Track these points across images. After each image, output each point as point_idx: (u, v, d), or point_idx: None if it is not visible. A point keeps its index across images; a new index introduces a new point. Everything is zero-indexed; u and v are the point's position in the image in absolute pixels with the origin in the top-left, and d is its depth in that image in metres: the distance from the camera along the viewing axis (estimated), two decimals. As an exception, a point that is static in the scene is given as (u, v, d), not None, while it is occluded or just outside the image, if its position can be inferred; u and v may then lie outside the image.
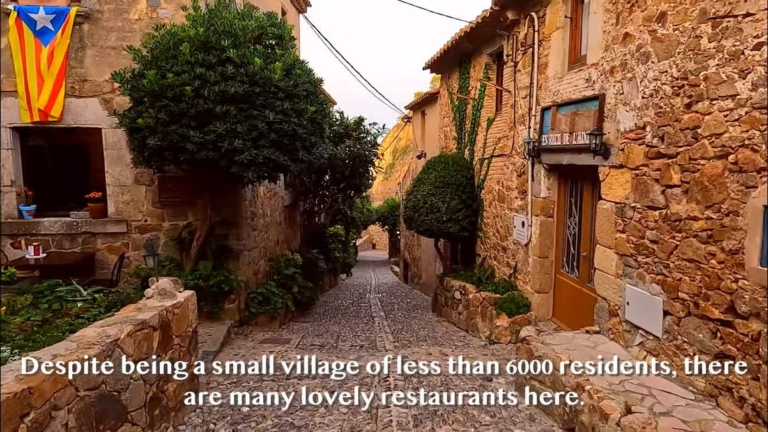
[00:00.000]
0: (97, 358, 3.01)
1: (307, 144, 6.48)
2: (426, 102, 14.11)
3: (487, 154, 8.76)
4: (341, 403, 4.19)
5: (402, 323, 9.13)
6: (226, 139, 5.79)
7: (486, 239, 8.77)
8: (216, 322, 7.29)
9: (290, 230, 12.13)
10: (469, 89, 9.69)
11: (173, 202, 7.69)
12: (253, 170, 6.04)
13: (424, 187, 9.23)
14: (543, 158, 6.43)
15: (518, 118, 7.27)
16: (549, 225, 6.56)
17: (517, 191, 7.35)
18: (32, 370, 2.62)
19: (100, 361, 3.05)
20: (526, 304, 6.85)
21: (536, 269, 6.67)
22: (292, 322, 9.24)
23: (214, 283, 7.10)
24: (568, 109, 5.67)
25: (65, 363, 2.79)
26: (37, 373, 2.62)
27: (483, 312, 7.47)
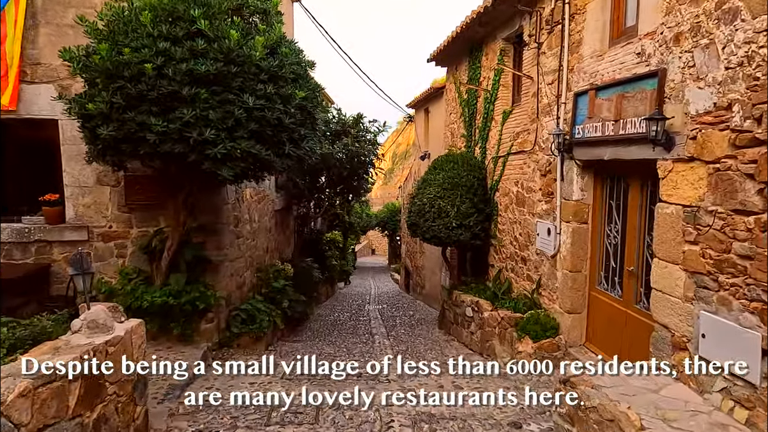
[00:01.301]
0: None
1: (296, 136, 5.45)
2: (430, 98, 13.11)
3: (502, 151, 7.73)
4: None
5: (406, 343, 8.07)
6: (195, 128, 4.77)
7: (501, 248, 7.73)
8: (190, 345, 6.24)
9: (282, 237, 11.09)
10: (480, 80, 8.68)
11: (142, 206, 6.65)
12: (229, 167, 5.00)
13: (430, 189, 8.20)
14: (576, 153, 5.40)
15: (543, 108, 6.25)
16: (582, 233, 5.53)
17: (540, 193, 6.32)
18: None
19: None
20: (553, 326, 5.80)
21: (566, 285, 5.63)
22: (282, 341, 8.18)
23: (188, 300, 6.06)
24: (611, 92, 4.65)
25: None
26: None
27: (501, 334, 6.42)
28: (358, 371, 6.06)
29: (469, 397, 4.23)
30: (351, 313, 12.11)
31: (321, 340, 8.46)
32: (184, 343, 6.23)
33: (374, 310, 12.91)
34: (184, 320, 6.15)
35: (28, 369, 2.41)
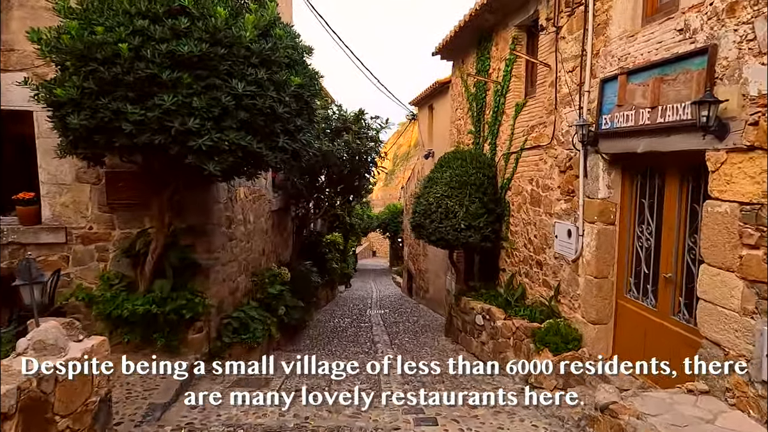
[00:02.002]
0: None
1: (291, 127, 4.92)
2: (434, 94, 12.58)
3: (514, 147, 7.20)
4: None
5: (410, 353, 7.53)
6: (176, 116, 4.24)
7: (514, 251, 7.18)
8: (176, 357, 5.68)
9: (279, 239, 10.56)
10: (489, 72, 8.15)
11: (126, 205, 6.12)
12: (216, 160, 4.47)
13: (437, 188, 7.66)
14: (602, 146, 4.87)
15: (562, 98, 5.72)
16: (609, 235, 4.98)
17: (559, 191, 5.78)
18: None
19: None
20: (575, 338, 5.26)
21: (590, 293, 5.09)
22: (279, 350, 7.64)
23: (173, 308, 5.52)
24: (647, 75, 4.11)
25: None
26: None
27: (516, 345, 5.87)
28: (360, 387, 5.55)
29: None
30: (352, 319, 11.57)
31: (320, 349, 7.92)
32: (170, 355, 5.67)
33: (376, 315, 12.37)
34: (170, 330, 5.61)
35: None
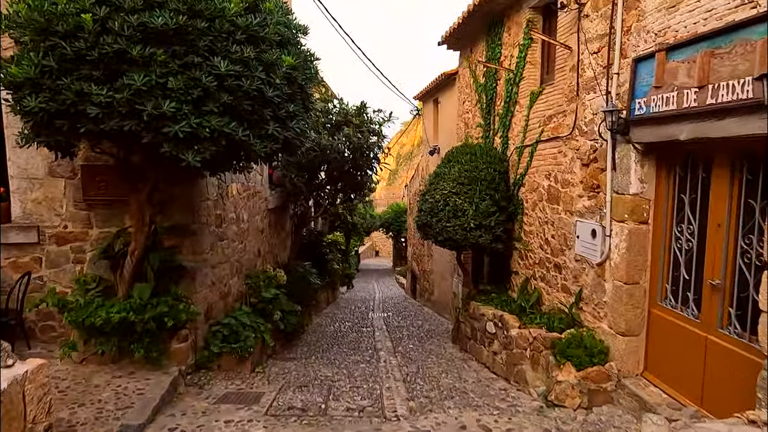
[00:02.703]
0: None
1: (282, 114, 4.37)
2: (440, 87, 12.02)
3: (529, 140, 6.63)
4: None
5: (416, 362, 6.97)
6: (149, 99, 3.70)
7: (528, 253, 6.61)
8: (157, 370, 5.16)
9: (277, 239, 10.01)
10: (501, 60, 7.58)
11: (104, 202, 5.60)
12: (196, 150, 3.93)
13: (444, 184, 7.10)
14: (634, 135, 4.30)
15: (585, 83, 5.15)
16: (641, 235, 4.41)
17: (581, 187, 5.22)
18: None
19: None
20: (602, 351, 4.69)
21: (619, 300, 4.52)
22: (273, 359, 7.10)
23: (153, 316, 4.97)
24: (693, 50, 3.54)
25: None
26: None
27: (534, 357, 5.31)
28: (360, 405, 5.00)
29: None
30: (353, 323, 11.01)
31: (318, 357, 7.37)
32: (151, 367, 5.14)
33: (378, 318, 11.81)
34: (149, 340, 5.06)
35: None
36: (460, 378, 6.01)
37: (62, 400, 4.40)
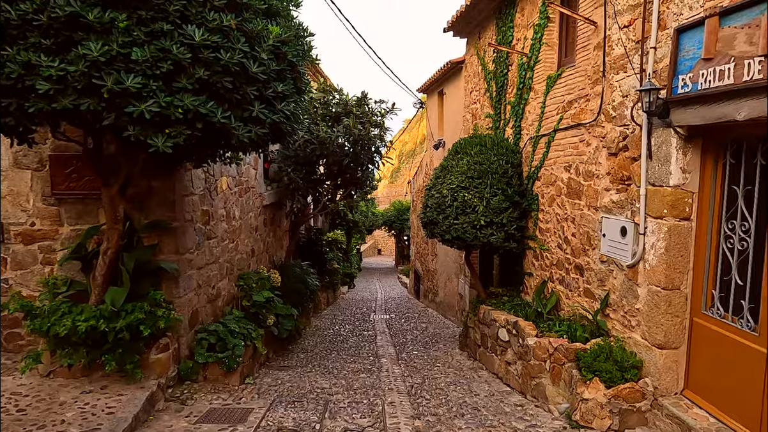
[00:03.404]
0: None
1: (269, 94, 3.80)
2: (445, 77, 11.43)
3: (545, 129, 6.05)
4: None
5: (421, 371, 6.41)
6: (109, 72, 3.14)
7: (544, 253, 6.04)
8: (133, 384, 4.61)
9: (273, 238, 9.46)
10: (513, 44, 7.00)
11: (76, 196, 5.06)
12: (168, 134, 3.37)
13: (452, 178, 6.53)
14: (675, 117, 3.72)
15: (613, 61, 4.56)
16: (683, 233, 3.83)
17: (608, 179, 4.64)
18: None
19: None
20: (634, 365, 4.12)
21: (656, 308, 3.94)
22: (266, 367, 6.55)
23: (127, 324, 4.42)
24: (755, 12, 2.96)
25: None
26: None
27: (554, 370, 4.74)
28: (361, 425, 4.44)
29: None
30: (354, 326, 10.46)
31: (315, 365, 6.81)
32: (125, 382, 4.60)
33: (380, 321, 11.26)
34: (123, 351, 4.51)
35: None
36: (470, 391, 5.44)
37: (19, 421, 3.86)
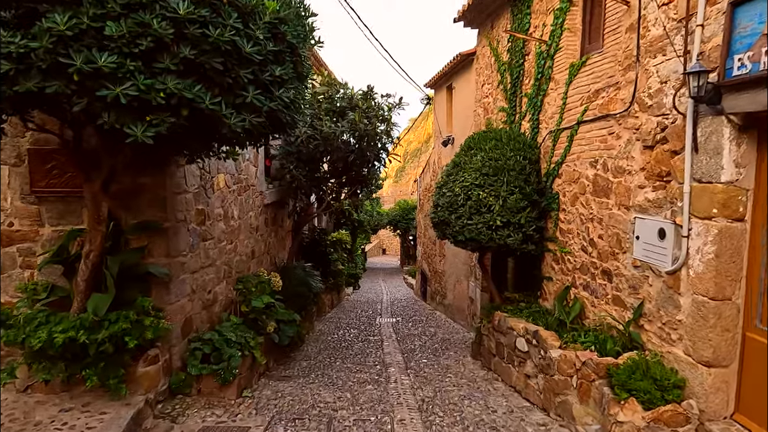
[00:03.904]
0: None
1: (266, 78, 3.37)
2: (455, 71, 10.97)
3: (567, 121, 5.59)
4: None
5: (432, 382, 5.96)
6: (78, 49, 2.72)
7: (566, 256, 5.58)
8: (117, 401, 4.19)
9: (274, 238, 9.04)
10: (530, 32, 6.54)
11: (59, 194, 4.64)
12: (148, 123, 2.94)
13: (464, 175, 6.08)
14: (729, 103, 3.26)
15: (650, 43, 4.10)
16: (736, 236, 3.37)
17: (643, 175, 4.18)
18: None
19: None
20: (676, 384, 3.66)
21: (702, 320, 3.49)
22: (265, 378, 6.12)
23: (110, 335, 4.00)
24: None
25: None
26: None
27: (582, 387, 4.28)
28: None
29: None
30: (359, 330, 10.03)
31: (318, 374, 6.38)
32: (110, 397, 4.18)
33: (387, 324, 10.82)
34: (105, 363, 4.10)
35: None
36: (486, 406, 5.00)
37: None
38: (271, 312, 6.49)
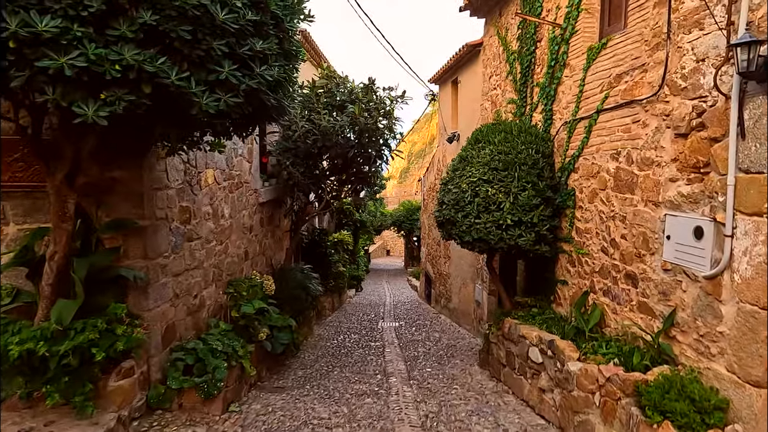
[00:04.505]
0: None
1: (244, 52, 2.92)
2: (461, 64, 10.50)
3: (584, 110, 5.12)
4: None
5: (436, 394, 5.50)
6: (14, 11, 2.27)
7: (583, 257, 5.11)
8: (84, 420, 3.75)
9: (271, 239, 8.60)
10: (542, 16, 6.07)
11: (24, 189, 4.21)
12: (100, 102, 2.50)
13: (472, 170, 5.63)
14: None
15: (682, 18, 3.63)
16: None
17: (676, 166, 3.70)
18: None
19: None
20: (718, 406, 3.18)
21: (751, 333, 3.01)
22: (256, 389, 5.68)
23: (74, 346, 3.57)
24: None
25: None
26: None
27: (607, 405, 3.80)
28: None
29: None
30: (360, 335, 9.57)
31: (314, 385, 5.93)
32: (75, 416, 3.74)
33: (389, 329, 10.36)
34: (71, 378, 3.66)
35: None
36: (497, 424, 4.52)
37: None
38: (263, 318, 6.04)
